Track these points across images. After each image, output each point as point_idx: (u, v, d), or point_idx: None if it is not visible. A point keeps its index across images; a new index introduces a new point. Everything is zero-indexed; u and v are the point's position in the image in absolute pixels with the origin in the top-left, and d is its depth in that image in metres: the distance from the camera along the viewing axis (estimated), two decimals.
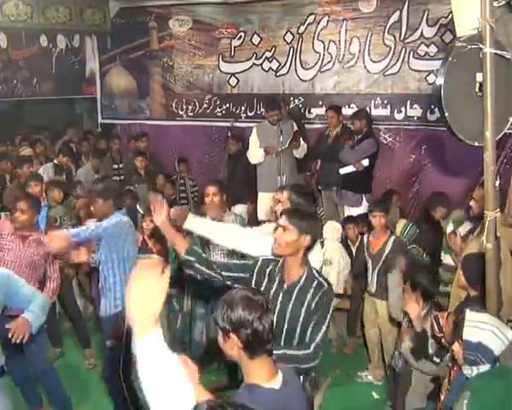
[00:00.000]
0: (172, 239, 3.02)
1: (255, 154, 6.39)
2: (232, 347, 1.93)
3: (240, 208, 6.56)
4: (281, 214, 2.87)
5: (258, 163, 6.41)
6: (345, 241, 5.43)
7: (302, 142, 6.45)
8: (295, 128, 6.42)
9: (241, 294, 1.98)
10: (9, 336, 3.08)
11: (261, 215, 6.22)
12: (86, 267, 5.27)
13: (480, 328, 2.36)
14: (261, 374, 1.93)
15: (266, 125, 6.36)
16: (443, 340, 2.70)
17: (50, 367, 4.28)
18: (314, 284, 2.70)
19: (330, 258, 5.18)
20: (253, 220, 6.36)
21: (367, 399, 4.65)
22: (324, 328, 2.65)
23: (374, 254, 4.67)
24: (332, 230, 5.28)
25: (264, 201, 6.07)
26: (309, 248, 2.76)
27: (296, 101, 7.46)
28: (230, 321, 1.91)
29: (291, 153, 6.39)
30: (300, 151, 6.46)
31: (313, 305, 2.67)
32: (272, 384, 1.93)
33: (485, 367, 2.36)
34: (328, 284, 2.76)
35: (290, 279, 2.75)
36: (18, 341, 3.11)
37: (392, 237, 4.64)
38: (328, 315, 2.68)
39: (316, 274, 2.76)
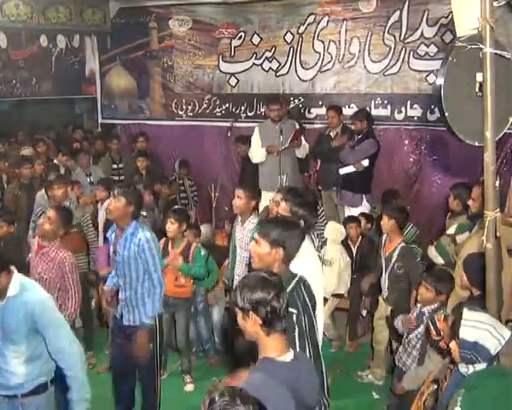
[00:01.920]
0: None
1: (257, 153, 6.43)
2: (252, 324, 2.12)
3: None
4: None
5: (260, 162, 6.44)
6: (345, 241, 5.43)
7: (304, 142, 6.47)
8: (297, 127, 6.44)
9: (258, 276, 2.20)
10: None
11: None
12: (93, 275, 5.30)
13: (476, 327, 2.37)
14: (276, 349, 2.13)
15: (268, 124, 6.40)
16: (441, 343, 2.69)
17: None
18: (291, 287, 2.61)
19: (331, 259, 5.19)
20: None
21: (367, 399, 4.65)
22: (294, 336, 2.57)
23: (385, 257, 4.65)
24: (334, 231, 5.27)
25: (266, 200, 6.09)
26: (287, 261, 2.71)
27: (296, 101, 7.46)
28: (250, 301, 2.10)
29: (293, 152, 6.41)
30: (302, 151, 6.47)
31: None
32: (284, 358, 2.13)
33: (481, 366, 2.38)
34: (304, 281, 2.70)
35: None
36: None
37: (402, 244, 4.58)
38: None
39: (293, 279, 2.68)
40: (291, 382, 2.07)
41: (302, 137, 6.47)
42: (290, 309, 2.51)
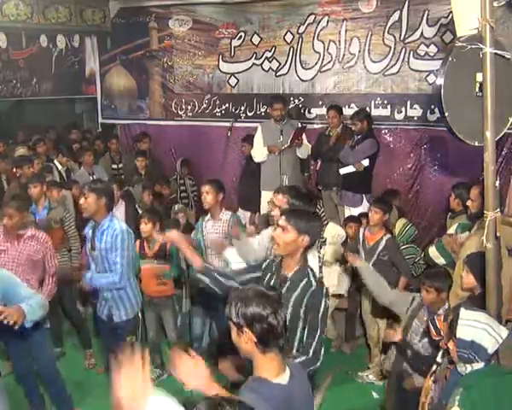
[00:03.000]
0: (187, 254, 3.00)
1: (259, 152, 6.46)
2: (246, 341, 1.98)
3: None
4: (281, 215, 2.91)
5: (261, 162, 6.46)
6: (345, 241, 5.43)
7: (306, 142, 6.48)
8: (298, 126, 6.45)
9: (255, 290, 2.04)
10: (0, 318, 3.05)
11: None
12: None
13: (473, 326, 2.38)
14: (271, 369, 1.98)
15: (271, 124, 6.45)
16: (441, 343, 2.69)
17: (52, 364, 4.25)
18: (303, 282, 2.74)
19: (331, 259, 5.19)
20: None
21: (367, 399, 4.65)
22: (319, 330, 2.67)
23: (368, 249, 4.70)
24: (333, 232, 5.27)
25: (267, 199, 6.10)
26: (307, 248, 2.81)
27: (296, 101, 7.46)
28: (245, 316, 1.96)
29: (294, 152, 6.42)
30: (303, 151, 6.49)
31: (303, 304, 2.69)
32: (280, 380, 1.98)
33: (479, 365, 2.39)
34: (319, 284, 2.77)
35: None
36: (10, 324, 3.06)
37: (387, 236, 4.67)
38: (320, 315, 2.67)
39: (309, 272, 2.79)
40: (285, 405, 1.95)
41: (304, 137, 6.48)
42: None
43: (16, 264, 4.20)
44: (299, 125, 6.51)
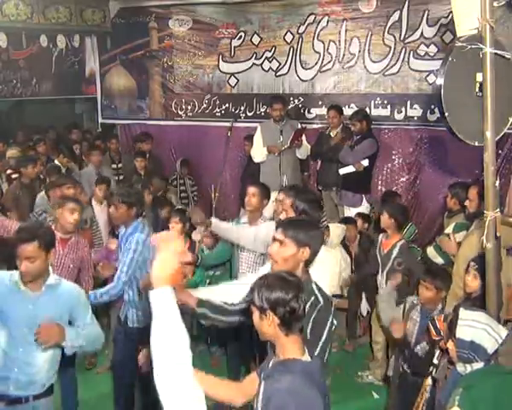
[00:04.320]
0: (181, 296, 2.52)
1: (258, 152, 6.46)
2: (270, 324, 2.06)
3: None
4: (276, 227, 2.65)
5: (261, 162, 6.45)
6: (343, 240, 5.43)
7: (305, 143, 6.48)
8: (298, 126, 6.45)
9: (277, 275, 2.15)
10: (34, 332, 2.76)
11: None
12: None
13: (472, 326, 2.38)
14: (296, 349, 2.09)
15: (270, 124, 6.45)
16: (441, 343, 2.69)
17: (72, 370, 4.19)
18: (310, 301, 2.42)
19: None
20: None
21: (367, 399, 4.65)
22: (321, 343, 2.40)
23: (383, 255, 4.66)
24: (338, 232, 5.25)
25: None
26: (309, 262, 2.56)
27: (296, 101, 7.46)
28: (268, 300, 2.05)
29: (293, 153, 6.42)
30: (303, 152, 6.49)
31: (310, 321, 2.40)
32: (305, 358, 2.11)
33: (478, 365, 2.39)
34: (326, 299, 2.53)
35: None
36: (40, 343, 2.78)
37: (401, 241, 4.63)
38: (325, 331, 2.42)
39: (313, 288, 2.52)
40: (319, 380, 2.05)
41: (303, 138, 6.48)
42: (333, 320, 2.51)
43: (60, 271, 3.91)
44: (299, 126, 6.51)
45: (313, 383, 2.00)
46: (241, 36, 7.63)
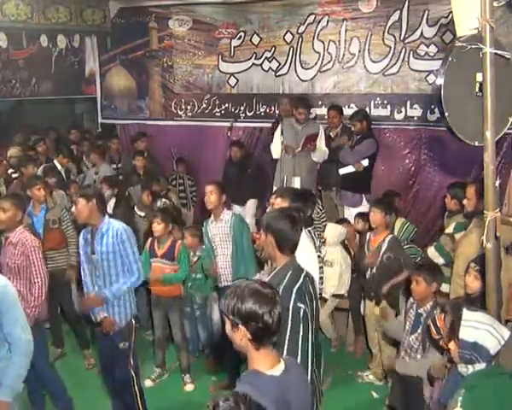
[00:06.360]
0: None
1: (276, 148, 6.50)
2: (241, 337, 1.97)
3: (237, 209, 6.62)
4: (256, 223, 3.05)
5: (277, 159, 6.52)
6: (342, 241, 5.43)
7: (323, 146, 6.45)
8: (319, 130, 6.45)
9: (251, 287, 2.00)
10: None
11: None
12: None
13: (475, 327, 2.37)
14: (265, 363, 1.98)
15: (292, 123, 6.46)
16: (441, 342, 2.69)
17: (51, 369, 4.24)
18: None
19: (331, 260, 5.19)
20: None
21: (367, 399, 4.65)
22: (298, 336, 2.55)
23: (372, 250, 4.69)
24: (333, 232, 5.26)
25: None
26: (282, 248, 2.76)
27: None
28: (240, 314, 1.94)
29: (309, 156, 6.42)
30: (318, 155, 6.48)
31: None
32: (273, 372, 1.98)
33: (480, 366, 2.38)
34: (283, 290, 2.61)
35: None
36: None
37: (390, 236, 4.68)
38: (289, 322, 2.53)
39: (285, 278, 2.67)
40: (279, 397, 1.93)
41: (322, 142, 6.45)
42: (298, 304, 2.55)
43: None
44: (320, 129, 6.49)
45: (271, 398, 1.87)
46: (240, 36, 7.63)
